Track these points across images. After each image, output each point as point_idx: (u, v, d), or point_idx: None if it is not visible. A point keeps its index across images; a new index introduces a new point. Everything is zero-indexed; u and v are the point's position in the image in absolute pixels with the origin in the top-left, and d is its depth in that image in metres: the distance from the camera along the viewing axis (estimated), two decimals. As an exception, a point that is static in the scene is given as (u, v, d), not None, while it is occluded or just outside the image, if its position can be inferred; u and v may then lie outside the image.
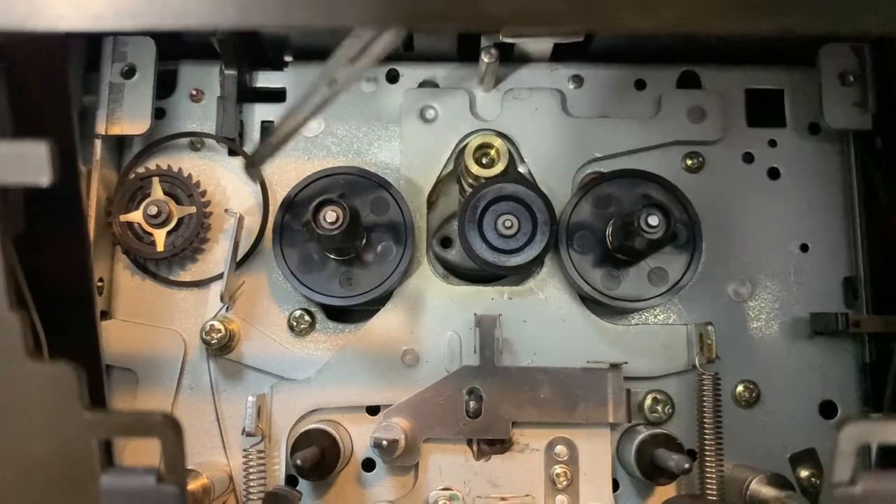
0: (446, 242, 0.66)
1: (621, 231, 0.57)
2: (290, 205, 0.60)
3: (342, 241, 0.55)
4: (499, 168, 0.62)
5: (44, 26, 0.33)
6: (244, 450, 0.58)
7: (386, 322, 0.61)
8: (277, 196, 0.63)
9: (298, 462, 0.53)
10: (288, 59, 0.67)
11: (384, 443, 0.55)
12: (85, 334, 0.46)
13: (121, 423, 0.38)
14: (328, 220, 0.54)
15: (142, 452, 0.57)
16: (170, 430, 0.36)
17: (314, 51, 0.64)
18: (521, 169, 0.64)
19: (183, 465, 0.37)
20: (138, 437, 0.37)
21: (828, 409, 0.62)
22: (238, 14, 0.33)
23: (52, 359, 0.41)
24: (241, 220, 0.61)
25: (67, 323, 0.45)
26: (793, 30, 0.33)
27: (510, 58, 0.65)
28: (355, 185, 0.61)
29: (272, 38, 0.65)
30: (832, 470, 0.37)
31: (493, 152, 0.63)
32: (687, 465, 0.52)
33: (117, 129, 0.62)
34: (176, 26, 0.33)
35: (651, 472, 0.57)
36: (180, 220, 0.62)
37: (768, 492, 0.55)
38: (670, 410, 0.61)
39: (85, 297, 0.45)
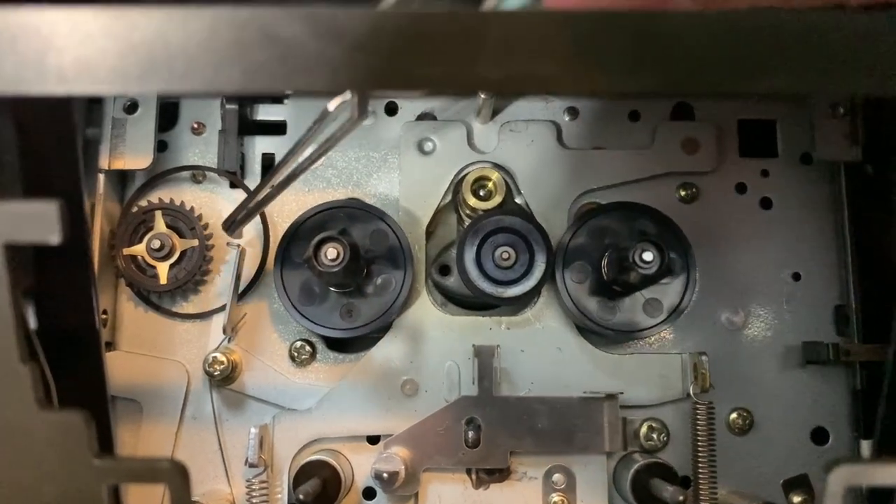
0: (445, 270, 0.67)
1: (616, 265, 0.58)
2: (291, 238, 0.61)
3: (343, 277, 0.56)
4: (496, 200, 0.63)
5: (52, 91, 0.34)
6: (247, 480, 0.59)
7: (386, 352, 0.62)
8: (278, 227, 0.64)
9: (301, 497, 0.54)
10: (288, 92, 0.67)
11: (385, 475, 0.56)
12: (92, 377, 0.47)
13: (129, 470, 0.39)
14: (329, 257, 0.55)
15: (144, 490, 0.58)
16: (177, 475, 0.37)
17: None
18: (517, 200, 0.65)
19: (189, 511, 0.38)
20: (146, 483, 0.38)
21: (820, 436, 0.63)
22: (242, 79, 0.34)
23: (61, 402, 0.43)
24: (242, 252, 0.62)
25: (74, 366, 0.46)
26: (777, 91, 0.34)
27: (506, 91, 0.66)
28: (355, 217, 0.62)
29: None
30: (822, 510, 0.38)
31: (490, 185, 0.64)
32: (681, 498, 0.54)
33: (120, 164, 0.63)
34: (181, 91, 0.34)
35: (647, 500, 0.58)
36: (183, 253, 0.63)
37: (762, 520, 0.56)
38: (665, 438, 0.62)
39: (91, 340, 0.46)
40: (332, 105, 0.41)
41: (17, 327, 0.36)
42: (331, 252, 0.55)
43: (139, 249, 0.62)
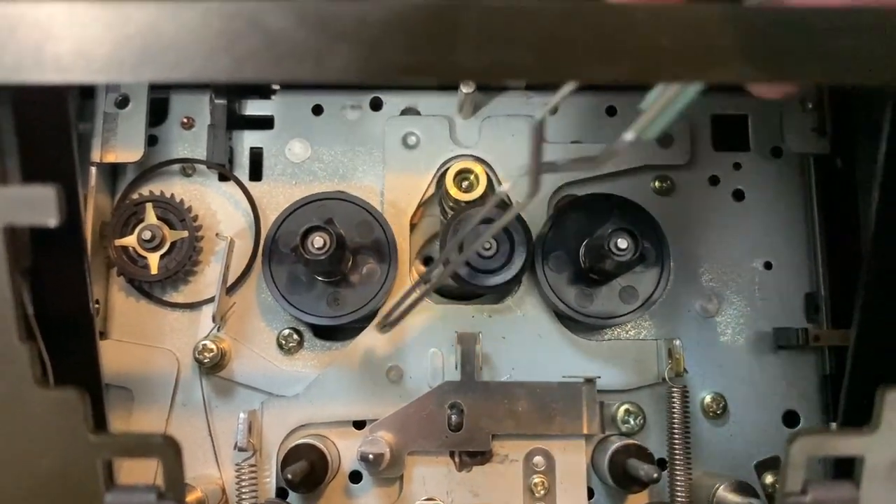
0: (428, 261, 0.69)
1: (593, 253, 0.60)
2: (279, 229, 0.63)
3: (329, 265, 0.58)
4: (478, 192, 0.65)
5: (50, 79, 0.36)
6: (236, 464, 0.60)
7: (371, 340, 0.64)
8: (267, 219, 0.66)
9: (289, 476, 0.55)
10: (275, 87, 0.69)
11: (370, 456, 0.58)
12: (86, 359, 0.49)
13: (124, 445, 0.41)
14: (316, 246, 0.57)
15: (134, 470, 0.60)
16: (170, 450, 0.39)
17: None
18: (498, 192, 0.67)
19: (182, 483, 0.40)
20: (140, 457, 0.40)
21: (791, 419, 0.65)
22: (232, 67, 0.36)
23: (56, 382, 0.44)
24: (231, 244, 0.64)
25: (69, 348, 0.47)
26: (741, 80, 0.37)
27: (488, 87, 0.68)
28: (341, 209, 0.64)
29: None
30: (784, 481, 0.40)
31: (472, 177, 0.65)
32: (656, 475, 0.56)
33: (112, 157, 0.65)
34: (172, 79, 0.36)
35: (624, 480, 0.60)
36: (173, 244, 0.64)
37: (734, 498, 0.58)
38: (642, 422, 0.64)
39: (85, 323, 0.48)
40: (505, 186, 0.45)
41: (15, 307, 0.38)
42: (317, 241, 0.57)
43: (131, 240, 0.64)
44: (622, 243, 0.57)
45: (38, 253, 0.42)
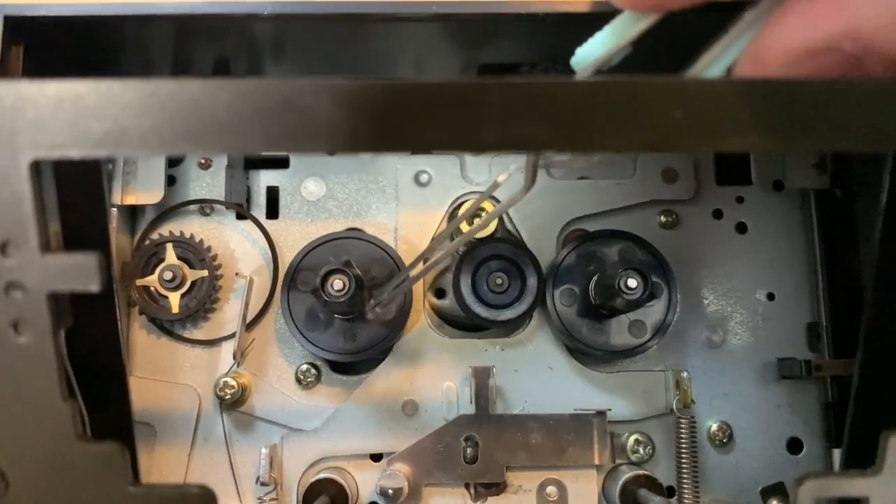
0: (440, 293, 0.71)
1: (603, 291, 0.62)
2: (297, 268, 0.65)
3: (348, 306, 0.60)
4: (489, 229, 0.67)
5: (92, 154, 0.37)
6: (259, 498, 0.62)
7: (387, 374, 0.66)
8: (284, 255, 0.68)
9: (313, 514, 0.57)
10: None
11: (390, 491, 0.60)
12: (120, 407, 0.51)
13: (162, 496, 0.42)
14: (335, 288, 0.58)
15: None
16: (206, 501, 0.41)
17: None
18: (509, 228, 0.69)
19: (217, 530, 0.41)
20: (178, 508, 0.42)
21: (795, 446, 0.67)
22: (266, 142, 0.37)
23: (91, 432, 0.46)
24: (250, 282, 0.66)
25: (104, 398, 0.49)
26: (748, 150, 0.38)
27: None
28: (357, 248, 0.65)
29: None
30: (793, 521, 0.42)
31: (483, 214, 0.67)
32: (666, 506, 0.58)
33: (132, 199, 0.66)
34: (210, 153, 0.38)
35: (634, 510, 0.62)
36: (193, 283, 0.66)
37: (741, 526, 0.60)
38: (651, 451, 0.66)
39: (119, 377, 0.50)
40: (503, 177, 0.47)
41: (59, 368, 0.40)
42: (337, 283, 0.58)
43: (152, 280, 0.66)
44: (632, 283, 0.59)
45: (75, 312, 0.44)
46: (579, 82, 0.38)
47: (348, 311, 0.62)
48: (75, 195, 0.43)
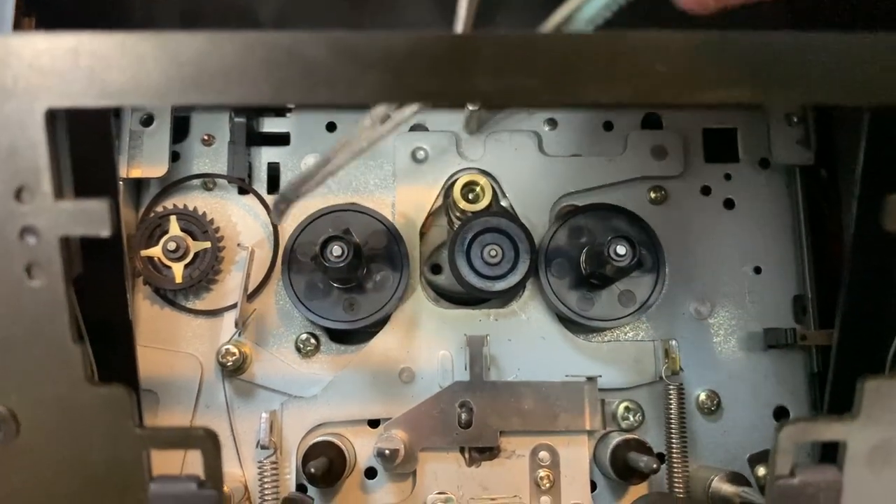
0: (436, 269, 0.73)
1: (593, 259, 0.64)
2: (297, 239, 0.67)
3: (346, 272, 0.62)
4: (484, 203, 0.69)
5: (108, 103, 0.39)
6: (259, 461, 0.64)
7: (384, 343, 0.68)
8: (284, 229, 0.70)
9: (312, 471, 0.59)
10: (290, 106, 0.73)
11: (386, 452, 0.61)
12: (126, 360, 0.52)
13: (167, 437, 0.44)
14: (334, 254, 0.60)
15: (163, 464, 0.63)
16: (210, 442, 0.42)
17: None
18: (503, 203, 0.71)
19: (220, 473, 0.43)
20: (182, 448, 0.43)
21: (781, 414, 0.69)
22: (272, 93, 0.40)
23: (101, 380, 0.48)
24: (252, 253, 0.68)
25: (111, 350, 0.51)
26: (728, 101, 0.41)
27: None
28: (355, 220, 0.67)
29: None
30: (774, 465, 0.44)
31: (478, 189, 0.69)
32: (655, 466, 0.60)
33: (137, 173, 0.69)
34: (218, 102, 0.40)
35: (624, 473, 0.64)
36: (196, 255, 0.68)
37: (728, 488, 0.62)
38: (641, 418, 0.68)
39: (125, 326, 0.52)
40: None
41: (70, 311, 0.42)
42: (336, 249, 0.60)
43: (156, 251, 0.67)
44: (621, 250, 0.61)
45: (85, 261, 0.46)
46: (568, 36, 0.40)
47: (346, 278, 0.64)
48: (86, 146, 0.45)
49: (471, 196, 0.70)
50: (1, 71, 0.39)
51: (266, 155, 0.72)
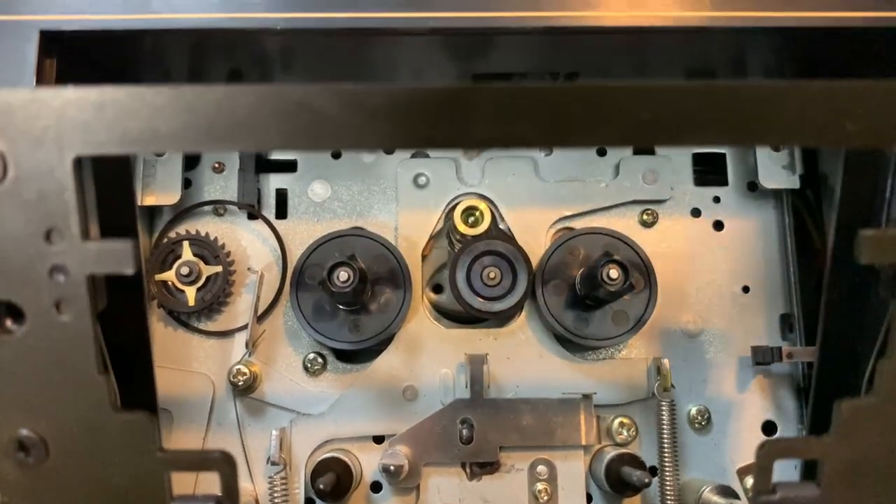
0: (438, 289, 0.76)
1: (587, 282, 0.67)
2: (304, 263, 0.70)
3: (352, 296, 0.65)
4: (483, 227, 0.72)
5: (128, 151, 0.42)
6: (269, 477, 0.67)
7: (388, 362, 0.71)
8: (293, 253, 0.73)
9: (321, 487, 0.62)
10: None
11: (391, 468, 0.64)
12: (145, 386, 0.55)
13: (187, 460, 0.47)
14: (341, 280, 0.63)
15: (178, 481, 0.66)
16: (227, 465, 0.45)
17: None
18: (502, 226, 0.74)
19: (237, 493, 0.46)
20: (201, 471, 0.46)
21: (769, 428, 0.72)
22: (282, 141, 0.43)
23: (123, 406, 0.50)
24: (261, 277, 0.71)
25: (131, 375, 0.54)
26: (707, 144, 0.44)
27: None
28: (360, 244, 0.70)
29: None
30: (756, 481, 0.47)
31: (478, 213, 0.72)
32: (647, 480, 0.62)
33: (151, 200, 0.72)
34: (231, 149, 0.43)
35: (618, 486, 0.67)
36: (208, 278, 0.71)
37: (718, 500, 0.65)
38: (634, 433, 0.71)
39: (145, 354, 0.55)
40: None
41: (96, 343, 0.45)
42: (342, 274, 0.63)
43: (169, 275, 0.71)
44: (613, 274, 0.64)
45: (109, 299, 0.49)
46: (559, 87, 0.43)
47: (352, 301, 0.67)
48: (109, 190, 0.48)
49: (471, 220, 0.72)
50: (32, 122, 0.42)
51: (274, 181, 0.75)
